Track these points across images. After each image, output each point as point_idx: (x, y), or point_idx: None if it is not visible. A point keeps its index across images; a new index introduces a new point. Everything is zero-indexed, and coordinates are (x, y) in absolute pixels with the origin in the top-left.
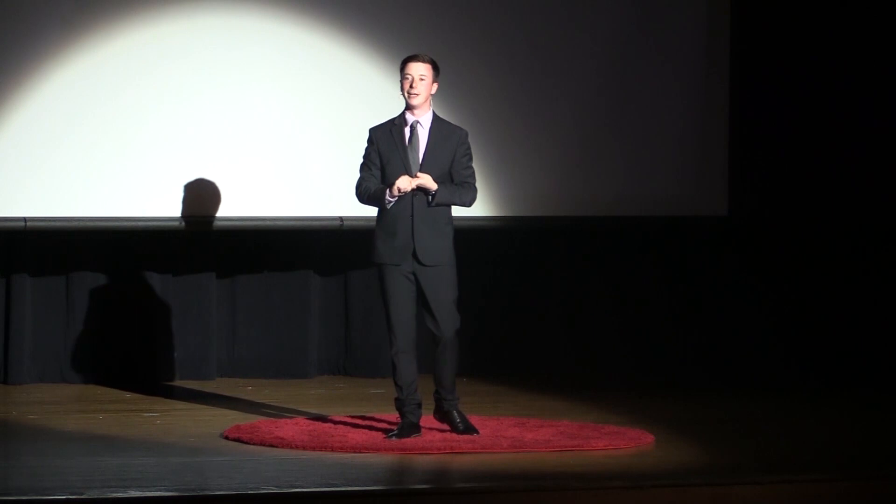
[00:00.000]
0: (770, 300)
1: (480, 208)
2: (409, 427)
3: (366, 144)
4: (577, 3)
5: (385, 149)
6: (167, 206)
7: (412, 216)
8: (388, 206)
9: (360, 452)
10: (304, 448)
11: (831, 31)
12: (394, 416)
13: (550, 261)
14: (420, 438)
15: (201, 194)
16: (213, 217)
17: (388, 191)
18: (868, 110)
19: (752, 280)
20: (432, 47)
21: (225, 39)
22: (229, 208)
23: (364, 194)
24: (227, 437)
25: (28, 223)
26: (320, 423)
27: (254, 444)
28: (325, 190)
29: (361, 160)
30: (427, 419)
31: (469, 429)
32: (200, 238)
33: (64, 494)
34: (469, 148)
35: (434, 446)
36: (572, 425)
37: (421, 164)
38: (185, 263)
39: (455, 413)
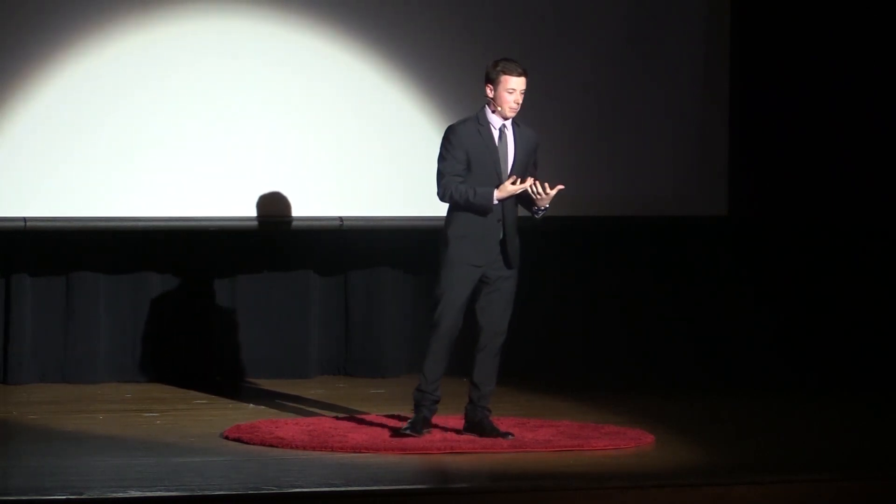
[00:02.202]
0: (770, 300)
1: None
2: (422, 421)
3: (450, 140)
4: (578, 2)
5: (473, 149)
6: (167, 206)
7: (503, 221)
8: (486, 211)
9: (360, 452)
10: (304, 448)
11: (831, 31)
12: (394, 416)
13: (549, 261)
14: (420, 438)
15: (201, 194)
16: (213, 217)
17: (494, 193)
18: (868, 110)
19: (751, 280)
20: (431, 48)
21: (225, 41)
22: (229, 208)
23: (461, 197)
24: (227, 437)
25: (28, 223)
26: (320, 423)
27: (254, 444)
28: (325, 190)
29: (444, 157)
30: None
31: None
32: (200, 238)
33: (64, 494)
34: (539, 150)
35: (434, 446)
36: (572, 425)
37: (511, 169)
38: (185, 263)
39: (486, 421)
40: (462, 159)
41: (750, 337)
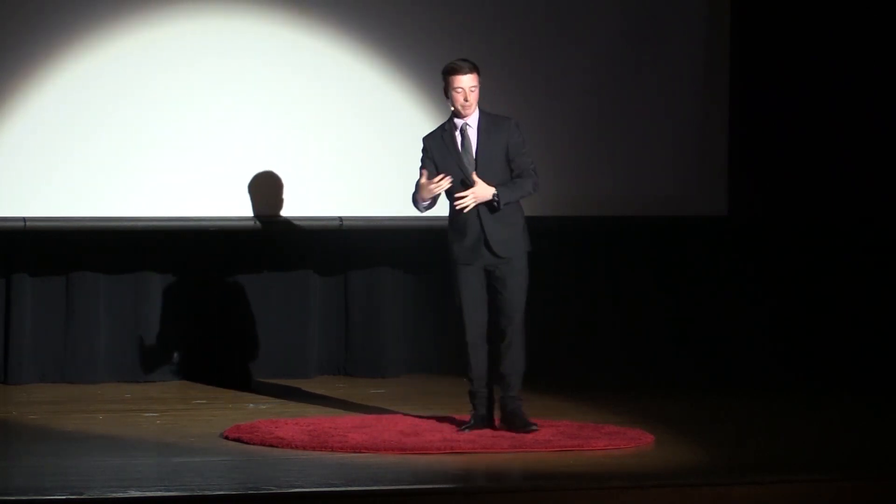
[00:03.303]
0: (770, 300)
1: None
2: (481, 419)
3: (422, 151)
4: (578, 2)
5: (438, 156)
6: (167, 206)
7: (479, 216)
8: (422, 211)
9: (360, 452)
10: (304, 448)
11: (831, 31)
12: (394, 414)
13: (549, 261)
14: (420, 438)
15: (201, 194)
16: (213, 217)
17: (418, 194)
18: (868, 110)
19: (751, 280)
20: (431, 48)
21: (225, 41)
22: (229, 208)
23: (412, 201)
24: (227, 437)
25: (28, 223)
26: (320, 422)
27: (254, 444)
28: (325, 190)
29: (419, 168)
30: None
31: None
32: (200, 238)
33: (64, 494)
34: (521, 134)
35: (434, 446)
36: (572, 425)
37: (476, 165)
38: (185, 263)
39: (520, 414)
40: (430, 168)
41: (750, 337)
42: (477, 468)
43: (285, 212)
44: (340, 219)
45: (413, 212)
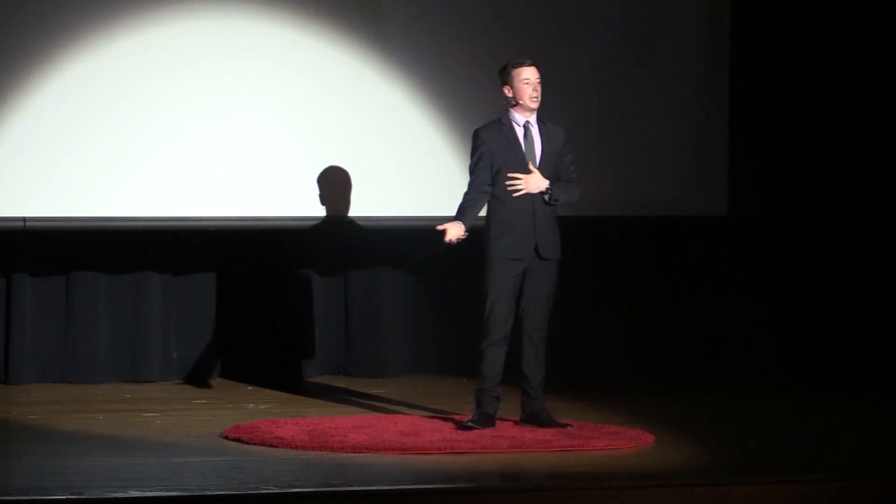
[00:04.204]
0: (770, 300)
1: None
2: (484, 417)
3: (475, 144)
4: (578, 3)
5: (497, 150)
6: (167, 206)
7: (534, 213)
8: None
9: (360, 452)
10: (304, 448)
11: (831, 31)
12: (394, 414)
13: None
14: (420, 438)
15: (201, 194)
16: (213, 217)
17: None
18: (868, 110)
19: (751, 280)
20: (431, 48)
21: (225, 41)
22: (229, 208)
23: (460, 205)
24: (227, 437)
25: (28, 223)
26: (320, 422)
27: (254, 444)
28: (325, 190)
29: (471, 165)
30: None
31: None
32: (201, 238)
33: (64, 494)
34: (569, 145)
35: (434, 446)
36: (572, 425)
37: (539, 163)
38: (186, 263)
39: (543, 413)
40: (486, 165)
41: (750, 337)
42: (477, 468)
43: (285, 211)
44: (341, 219)
45: (413, 212)
